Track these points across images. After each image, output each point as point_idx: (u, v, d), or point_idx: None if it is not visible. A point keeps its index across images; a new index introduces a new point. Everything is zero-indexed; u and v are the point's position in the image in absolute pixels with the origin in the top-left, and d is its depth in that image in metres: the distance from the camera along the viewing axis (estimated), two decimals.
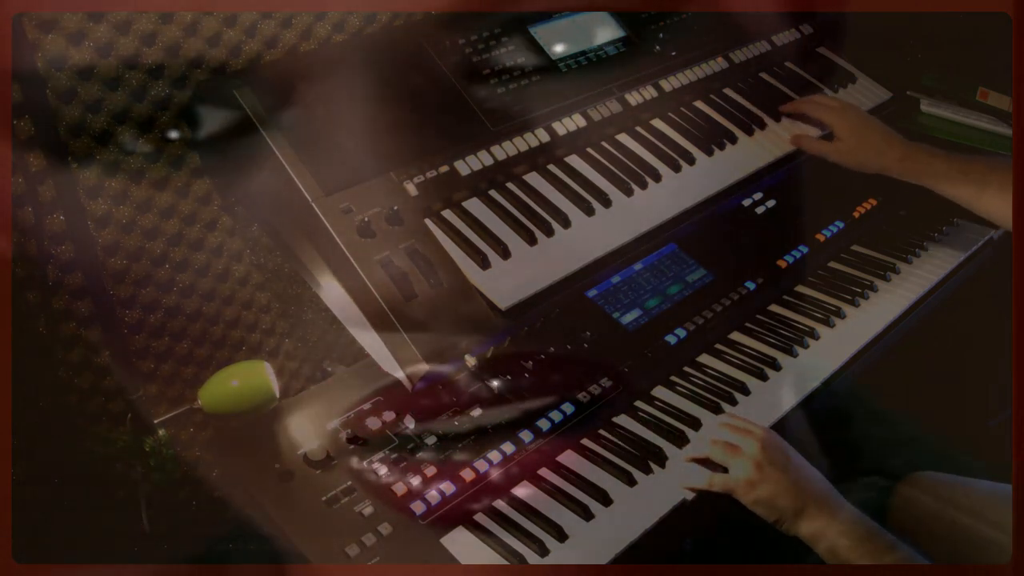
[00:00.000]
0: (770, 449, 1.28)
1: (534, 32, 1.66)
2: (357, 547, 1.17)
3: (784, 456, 1.28)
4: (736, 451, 1.29)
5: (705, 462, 1.32)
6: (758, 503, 1.25)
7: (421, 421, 1.36)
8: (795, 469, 1.27)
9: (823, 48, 2.12)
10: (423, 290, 1.28)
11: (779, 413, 1.46)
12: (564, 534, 1.22)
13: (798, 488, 1.24)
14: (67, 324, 1.35)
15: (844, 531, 1.21)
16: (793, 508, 1.23)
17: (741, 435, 1.30)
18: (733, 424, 1.34)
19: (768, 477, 1.25)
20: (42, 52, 1.22)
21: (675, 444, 1.38)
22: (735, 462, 1.28)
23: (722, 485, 1.28)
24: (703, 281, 1.69)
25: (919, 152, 1.72)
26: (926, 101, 2.16)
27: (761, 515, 1.26)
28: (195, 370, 1.53)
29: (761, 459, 1.26)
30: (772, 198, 1.88)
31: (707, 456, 1.32)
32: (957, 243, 1.91)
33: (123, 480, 1.43)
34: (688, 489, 1.30)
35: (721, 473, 1.29)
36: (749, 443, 1.28)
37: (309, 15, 1.48)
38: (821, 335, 1.62)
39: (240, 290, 1.56)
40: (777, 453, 1.28)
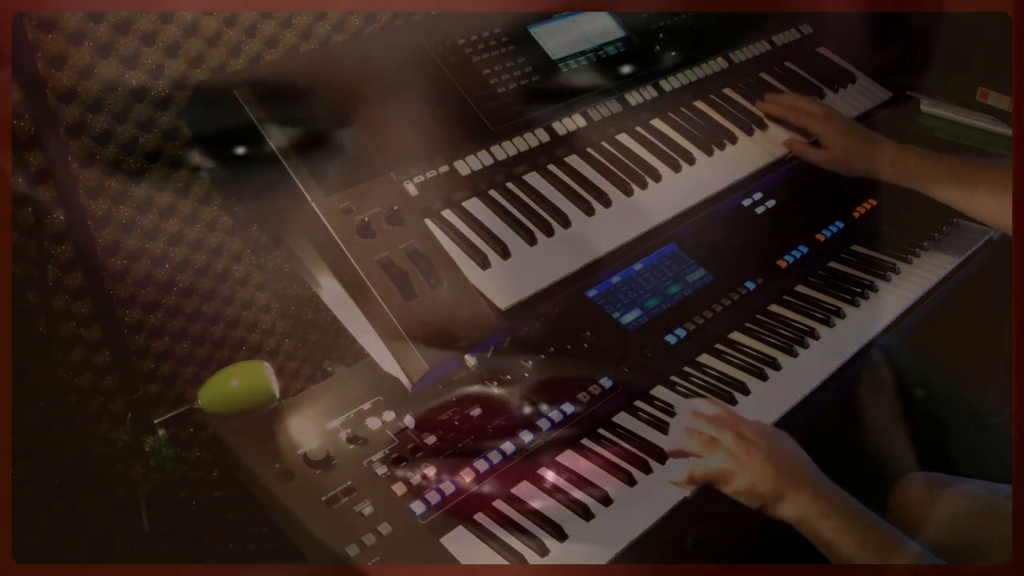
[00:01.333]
0: (744, 439, 1.27)
1: (534, 32, 1.66)
2: (357, 547, 1.17)
3: (761, 441, 1.27)
4: (713, 443, 1.28)
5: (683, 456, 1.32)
6: (739, 492, 1.25)
7: (421, 421, 1.36)
8: (772, 453, 1.26)
9: (823, 48, 2.12)
10: (423, 290, 1.28)
11: (779, 413, 1.46)
12: (564, 534, 1.22)
13: (776, 472, 1.24)
14: (67, 324, 1.35)
15: (826, 512, 1.20)
16: (773, 494, 1.23)
17: (715, 426, 1.29)
18: (705, 414, 1.33)
19: (744, 466, 1.24)
20: (42, 52, 1.22)
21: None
22: (712, 454, 1.27)
23: (703, 475, 1.27)
24: (703, 281, 1.69)
25: (908, 155, 1.71)
26: (926, 101, 2.16)
27: (743, 503, 1.26)
28: (195, 370, 1.53)
29: (735, 449, 1.26)
30: (772, 198, 1.88)
31: (683, 449, 1.31)
32: (957, 243, 1.91)
33: (123, 480, 1.43)
34: (673, 484, 1.30)
35: (701, 463, 1.28)
36: (724, 434, 1.28)
37: (309, 15, 1.48)
38: (821, 335, 1.63)
39: (240, 290, 1.56)
40: (752, 440, 1.27)
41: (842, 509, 1.21)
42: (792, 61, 2.03)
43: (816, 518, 1.21)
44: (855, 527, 1.19)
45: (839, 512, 1.21)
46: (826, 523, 1.20)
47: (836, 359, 1.58)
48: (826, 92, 1.99)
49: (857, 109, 1.98)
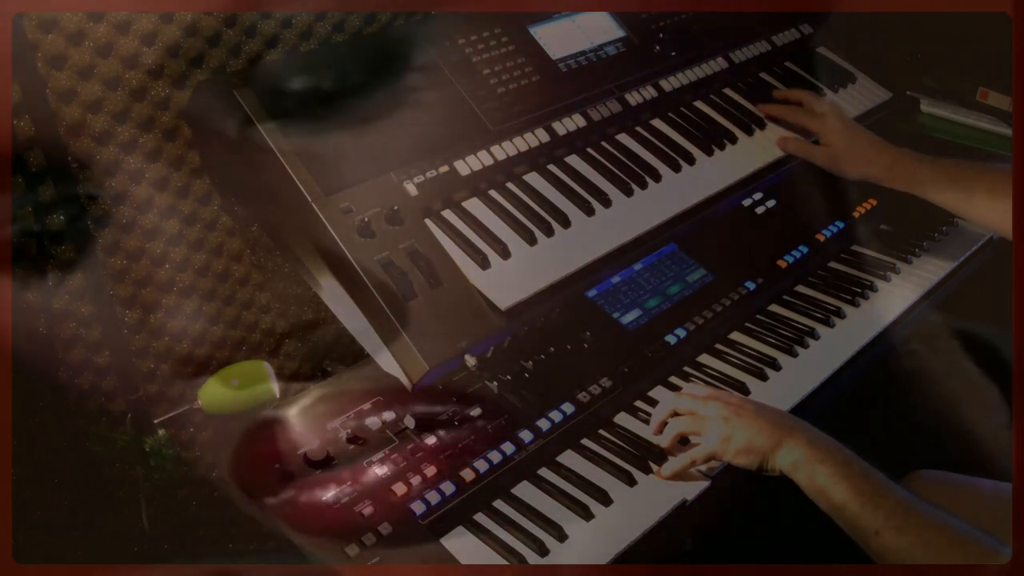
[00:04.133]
0: (731, 404, 1.31)
1: (534, 32, 1.66)
2: (357, 547, 1.16)
3: (746, 403, 1.32)
4: (701, 420, 1.31)
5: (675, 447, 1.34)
6: (739, 453, 1.27)
7: (421, 421, 1.36)
8: (759, 410, 1.30)
9: (823, 48, 2.12)
10: (423, 290, 1.28)
11: None
12: (564, 534, 1.22)
13: (770, 424, 1.27)
14: (67, 324, 1.35)
15: (821, 457, 1.22)
16: (770, 444, 1.25)
17: (700, 403, 1.33)
18: (687, 394, 1.37)
19: (737, 425, 1.27)
20: (42, 52, 1.22)
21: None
22: (705, 426, 1.30)
23: (703, 454, 1.30)
24: (703, 281, 1.69)
25: (906, 159, 1.71)
26: (926, 101, 2.16)
27: (744, 465, 1.27)
28: (195, 370, 1.53)
29: (726, 413, 1.29)
30: (772, 198, 1.88)
31: (676, 432, 1.33)
32: (957, 243, 1.91)
33: (123, 480, 1.43)
34: (673, 473, 1.31)
35: (697, 447, 1.31)
36: (710, 405, 1.31)
37: (309, 15, 1.48)
38: (821, 335, 1.62)
39: (240, 290, 1.56)
40: (739, 402, 1.31)
41: (838, 455, 1.23)
42: (792, 61, 2.03)
43: (812, 463, 1.22)
44: (850, 473, 1.21)
45: (835, 458, 1.22)
46: (821, 468, 1.21)
47: (836, 359, 1.58)
48: (826, 92, 1.99)
49: (857, 109, 1.98)
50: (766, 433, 1.26)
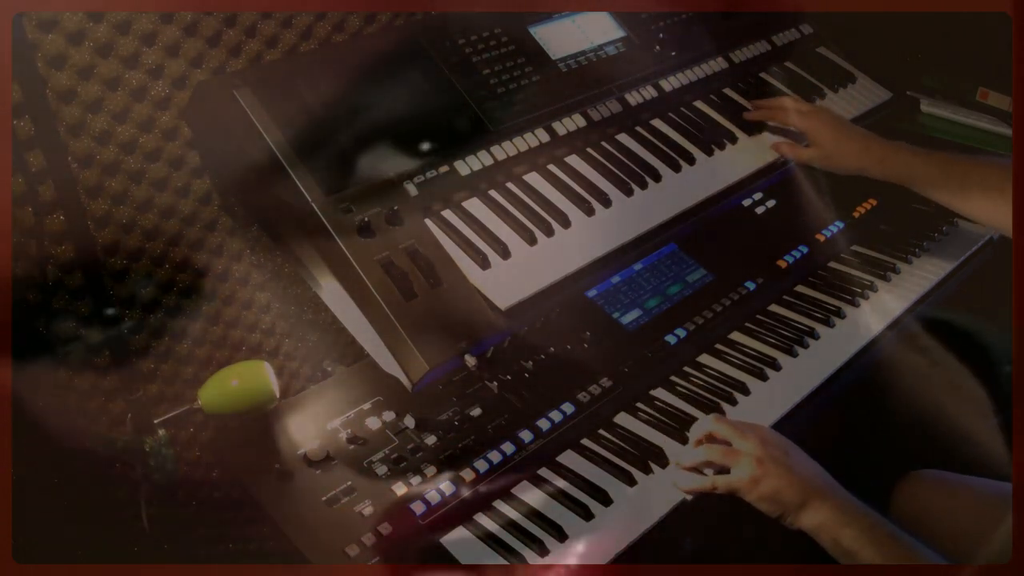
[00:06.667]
0: (769, 445, 1.27)
1: (534, 32, 1.66)
2: (357, 547, 1.17)
3: (784, 451, 1.28)
4: (734, 453, 1.28)
5: (702, 467, 1.32)
6: (762, 499, 1.25)
7: (421, 421, 1.36)
8: (795, 463, 1.27)
9: (823, 48, 2.12)
10: (423, 290, 1.28)
11: (779, 413, 1.46)
12: (564, 534, 1.22)
13: (801, 481, 1.24)
14: (67, 324, 1.35)
15: (847, 521, 1.20)
16: (797, 501, 1.23)
17: (738, 435, 1.30)
18: (729, 423, 1.33)
19: (770, 472, 1.24)
20: (42, 52, 1.22)
21: (675, 443, 1.38)
22: (737, 461, 1.27)
23: (726, 485, 1.27)
24: (703, 281, 1.69)
25: (899, 152, 1.70)
26: (926, 101, 2.16)
27: (765, 511, 1.25)
28: (195, 370, 1.53)
29: (762, 455, 1.26)
30: (772, 198, 1.88)
31: (706, 460, 1.31)
32: (957, 243, 1.91)
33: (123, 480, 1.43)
34: (690, 492, 1.29)
35: (723, 474, 1.28)
36: (748, 442, 1.28)
37: (309, 15, 1.48)
38: (821, 335, 1.62)
39: (240, 290, 1.56)
40: (777, 449, 1.28)
41: (864, 520, 1.21)
42: (792, 61, 2.03)
43: (838, 527, 1.21)
44: (876, 537, 1.19)
45: (860, 523, 1.21)
46: (847, 532, 1.20)
47: (836, 359, 1.58)
48: (826, 92, 1.99)
49: (857, 109, 1.98)
50: (796, 488, 1.23)
